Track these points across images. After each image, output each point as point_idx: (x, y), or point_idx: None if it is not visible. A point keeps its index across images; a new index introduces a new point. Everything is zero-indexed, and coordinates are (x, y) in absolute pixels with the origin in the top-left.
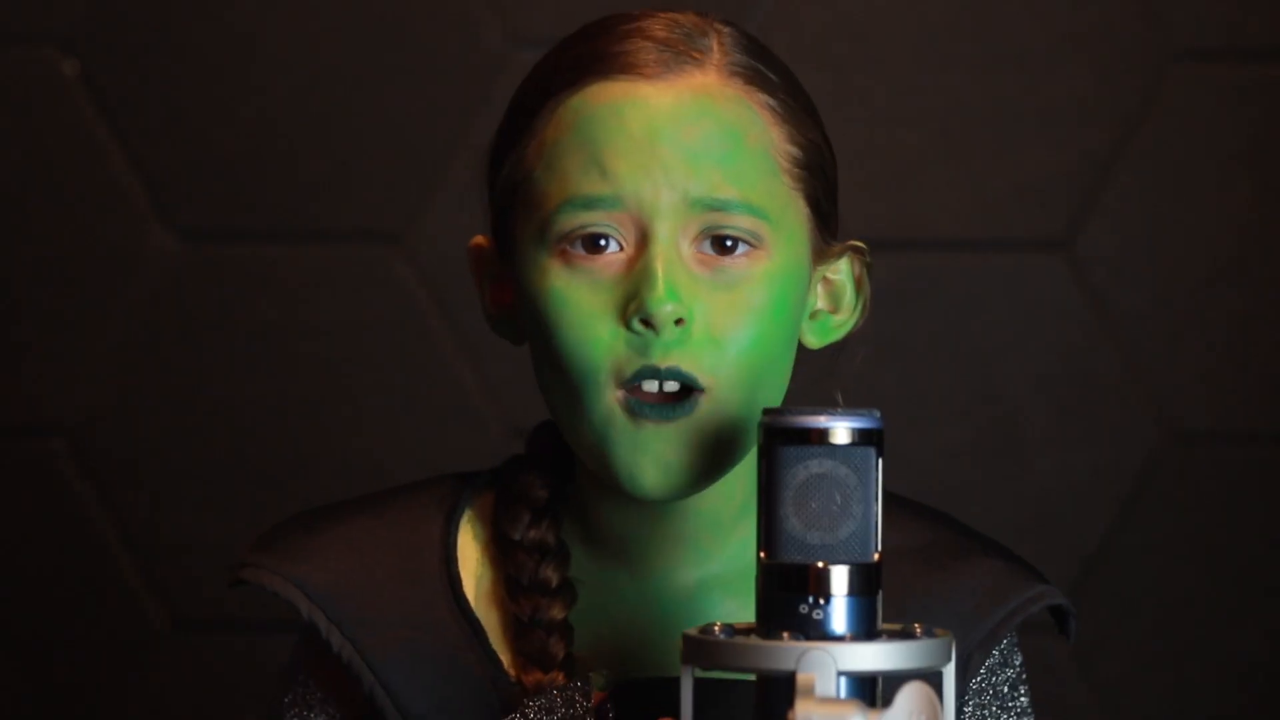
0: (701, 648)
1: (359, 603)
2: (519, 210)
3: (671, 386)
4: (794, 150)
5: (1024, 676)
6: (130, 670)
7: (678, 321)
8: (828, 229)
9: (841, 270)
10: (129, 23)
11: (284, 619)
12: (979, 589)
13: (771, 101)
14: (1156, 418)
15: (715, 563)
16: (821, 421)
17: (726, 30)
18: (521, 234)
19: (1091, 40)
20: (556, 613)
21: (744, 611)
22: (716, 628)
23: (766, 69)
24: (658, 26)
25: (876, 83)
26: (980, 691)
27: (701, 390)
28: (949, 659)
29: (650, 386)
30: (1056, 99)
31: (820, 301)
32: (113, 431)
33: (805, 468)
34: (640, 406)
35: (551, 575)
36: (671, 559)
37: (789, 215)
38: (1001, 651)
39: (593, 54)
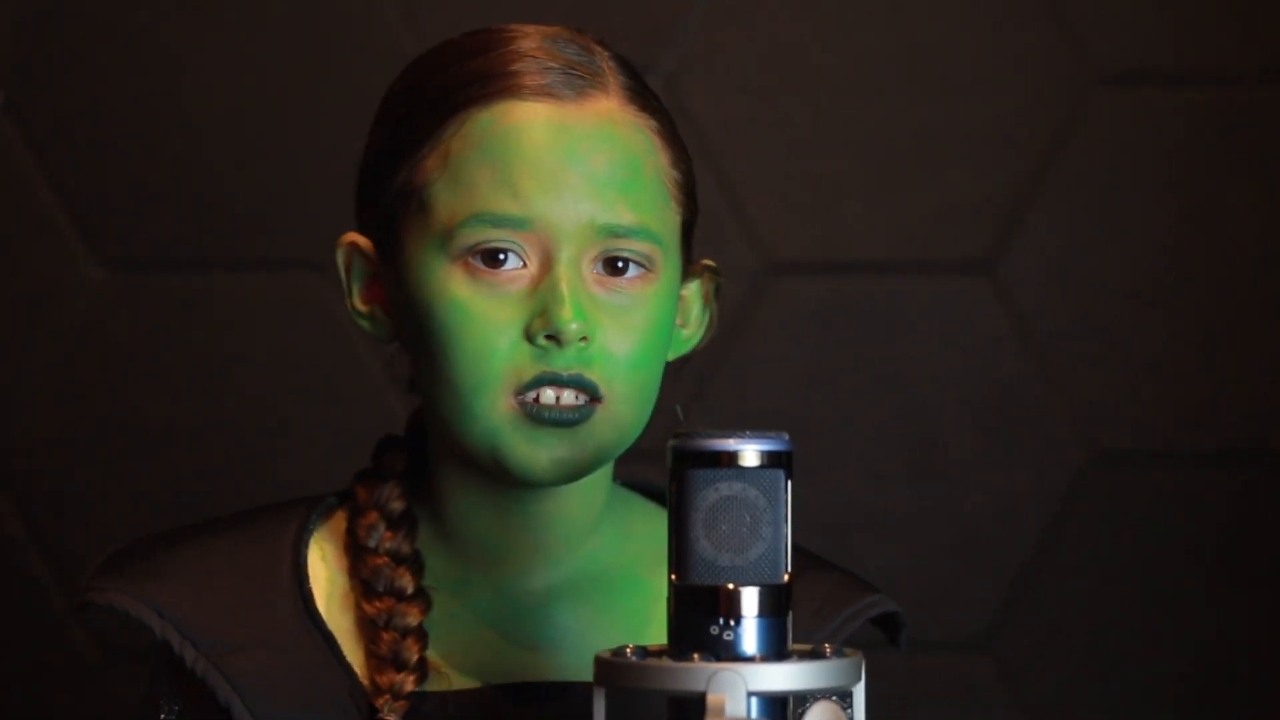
0: (613, 669)
1: (211, 621)
2: (413, 218)
3: (569, 396)
4: (676, 174)
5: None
6: (59, 701)
7: (582, 339)
8: (689, 248)
9: (691, 288)
10: (54, 53)
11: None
12: (817, 597)
13: (658, 125)
14: (1081, 439)
15: (567, 569)
16: (731, 444)
17: (606, 51)
18: (415, 241)
19: (1014, 66)
20: (412, 618)
21: (597, 619)
22: (629, 649)
23: (647, 91)
24: (555, 47)
25: (801, 108)
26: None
27: (600, 400)
28: (859, 678)
29: (549, 396)
30: (980, 124)
31: (675, 317)
32: (41, 462)
33: (715, 490)
34: (538, 412)
35: (407, 582)
36: (526, 564)
37: (673, 238)
38: None
39: (497, 72)
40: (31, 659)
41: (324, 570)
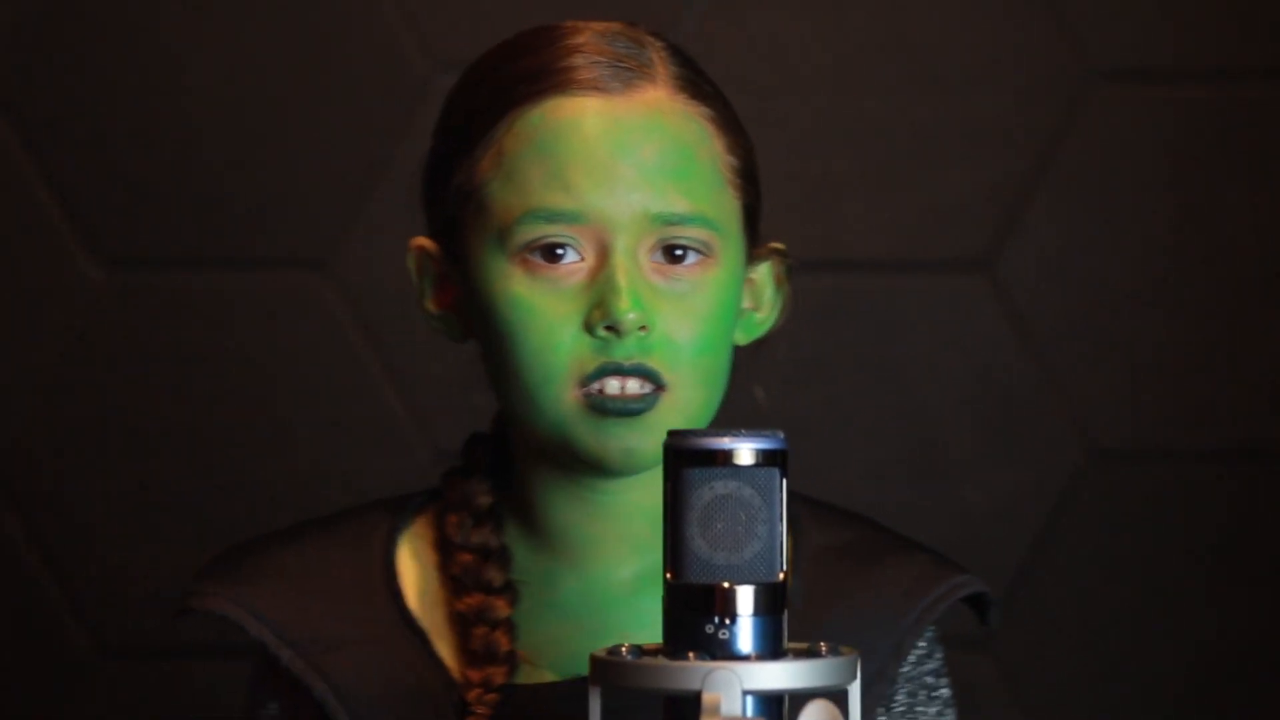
0: (608, 668)
1: (306, 621)
2: (474, 217)
3: (634, 386)
4: (734, 160)
5: (945, 670)
6: (55, 698)
7: (641, 328)
8: (755, 232)
9: (761, 270)
10: (52, 52)
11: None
12: (906, 578)
13: (711, 112)
14: (1078, 436)
15: (652, 559)
16: (726, 443)
17: (659, 43)
18: (476, 240)
19: (1010, 62)
20: (500, 610)
21: None
22: (624, 648)
23: (701, 80)
24: (601, 41)
25: (797, 105)
26: (910, 679)
27: (664, 387)
28: (854, 677)
29: (613, 386)
30: (976, 121)
31: (745, 300)
32: (37, 460)
33: (710, 489)
34: (603, 403)
35: (495, 575)
36: (611, 555)
37: (733, 224)
38: (929, 642)
39: (547, 69)
40: (29, 657)
41: (415, 567)
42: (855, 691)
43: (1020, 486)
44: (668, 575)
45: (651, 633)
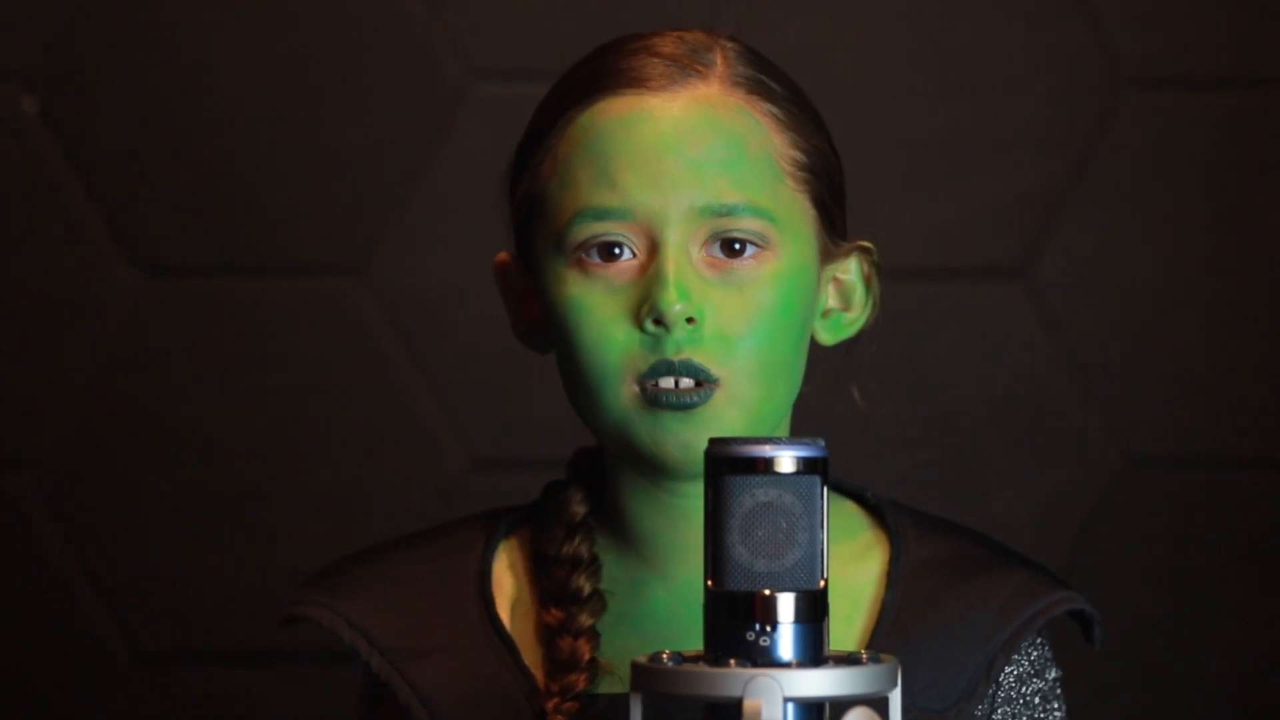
0: (650, 675)
1: (397, 629)
2: (536, 223)
3: (686, 383)
4: (797, 155)
5: (1058, 692)
6: (89, 703)
7: (689, 320)
8: (835, 230)
9: (851, 270)
10: (87, 59)
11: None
12: (1003, 594)
13: (774, 110)
14: (1113, 443)
15: None
16: (767, 451)
17: (732, 45)
18: (540, 246)
19: (1045, 69)
20: (585, 619)
21: None
22: (665, 655)
23: (770, 80)
24: (665, 43)
25: (832, 112)
26: (1010, 700)
27: (715, 382)
28: (895, 684)
29: (667, 383)
30: (1010, 128)
31: (832, 300)
32: (76, 465)
33: (751, 496)
34: (658, 395)
35: (584, 584)
36: (697, 563)
37: (794, 217)
38: (1033, 662)
39: (601, 70)
40: (67, 662)
41: (510, 578)
42: (896, 699)
43: (1054, 494)
44: (709, 582)
45: None
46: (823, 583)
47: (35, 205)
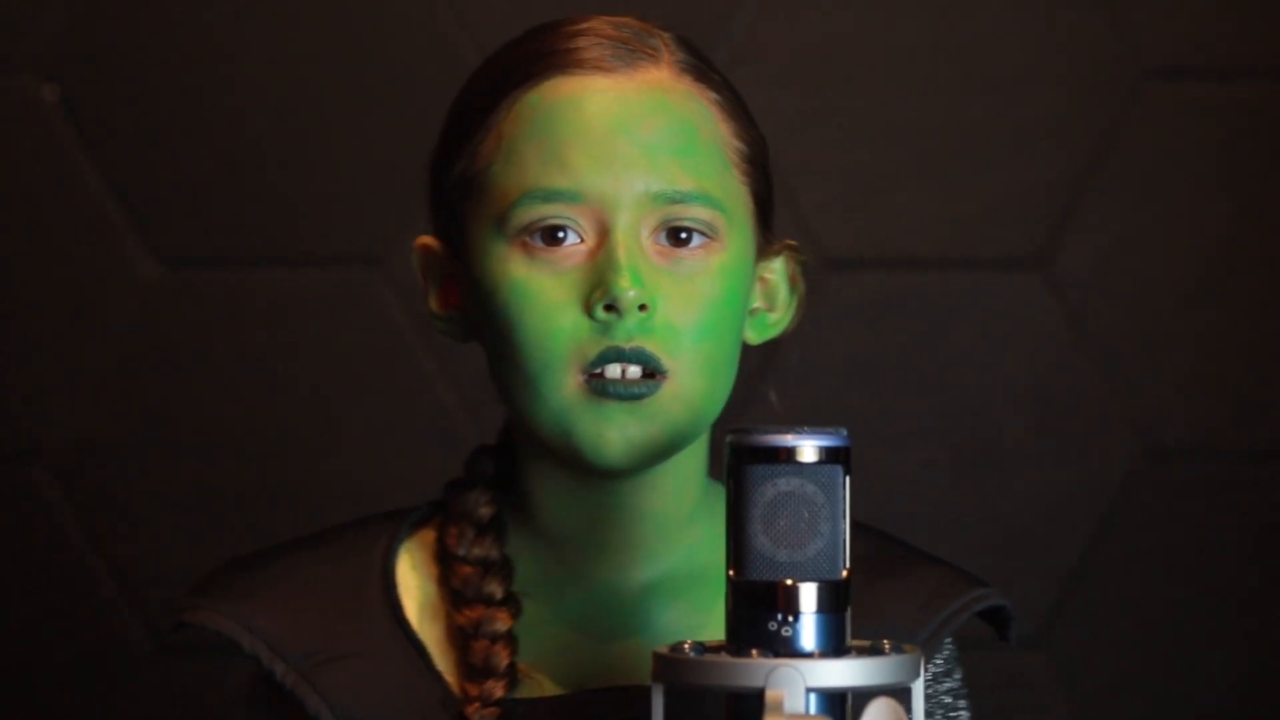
0: (672, 665)
1: (301, 634)
2: (474, 204)
3: (634, 372)
4: (741, 145)
5: (965, 691)
6: (111, 694)
7: (642, 308)
8: (767, 226)
9: (776, 269)
10: (107, 48)
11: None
12: (923, 591)
13: (718, 98)
14: (1133, 434)
15: (662, 566)
16: (789, 440)
17: (668, 34)
18: (477, 227)
19: (1064, 59)
20: (501, 625)
21: (691, 616)
22: (686, 645)
23: (709, 68)
24: (607, 26)
25: (851, 102)
26: (927, 698)
27: (664, 374)
28: (918, 675)
29: (614, 371)
30: (1030, 118)
31: (758, 300)
32: (95, 456)
33: (773, 486)
34: (604, 386)
35: (496, 588)
36: (618, 562)
37: (740, 208)
38: (945, 660)
39: (549, 50)
40: (88, 653)
41: (415, 579)
42: (918, 689)
43: (1074, 485)
44: (730, 572)
45: (658, 641)
46: (845, 572)
47: (54, 195)
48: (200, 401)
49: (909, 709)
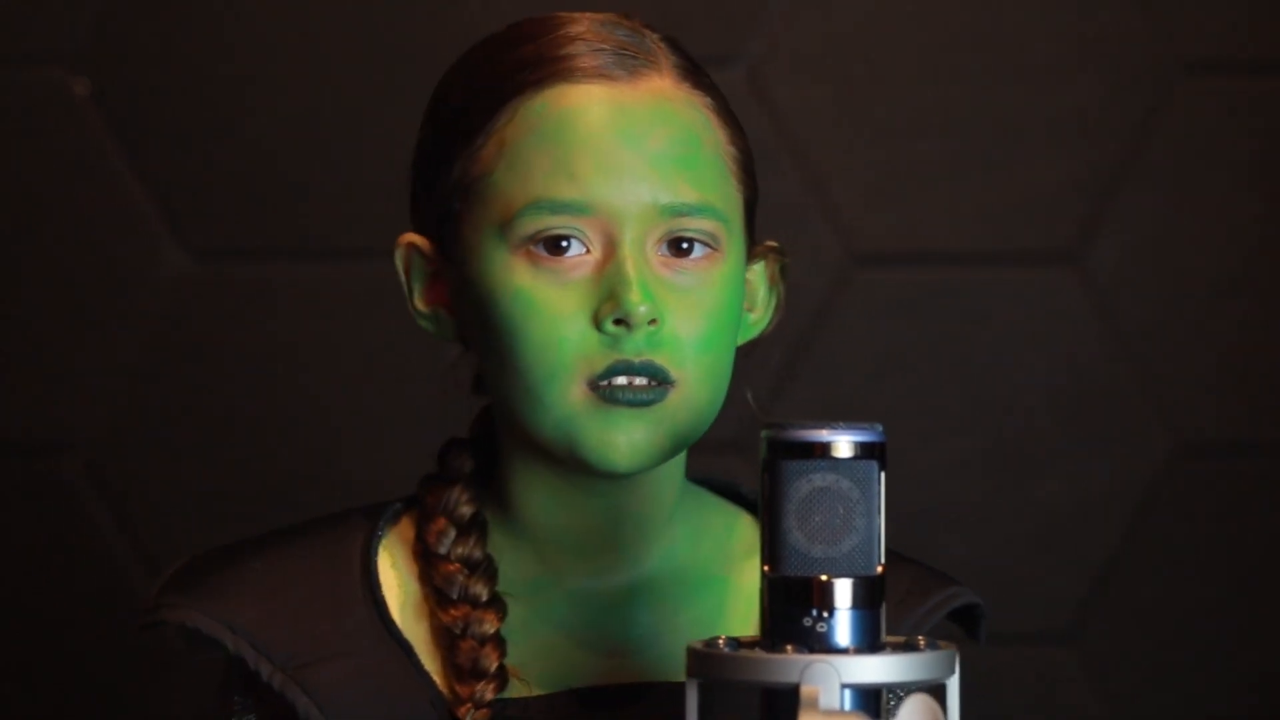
0: (706, 661)
1: (285, 634)
2: (473, 209)
3: (642, 382)
4: (735, 151)
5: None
6: (141, 686)
7: (651, 322)
8: (751, 229)
9: (757, 271)
10: (138, 43)
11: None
12: (898, 590)
13: (713, 103)
14: (1167, 430)
15: (642, 569)
16: (824, 435)
17: (655, 33)
18: (474, 232)
19: (1100, 53)
20: (488, 626)
21: (673, 618)
22: (721, 641)
23: (700, 70)
24: (604, 29)
25: (883, 97)
26: (898, 698)
27: (672, 383)
28: (953, 671)
29: (621, 381)
30: (1065, 112)
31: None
32: (126, 449)
33: (808, 481)
34: (612, 393)
35: (481, 589)
36: (600, 563)
37: (737, 216)
38: None
39: (549, 56)
40: (114, 644)
41: (395, 577)
42: (954, 685)
43: (1107, 480)
44: (765, 568)
45: (642, 643)
46: (880, 568)
47: (86, 188)
48: (229, 394)
49: (944, 705)
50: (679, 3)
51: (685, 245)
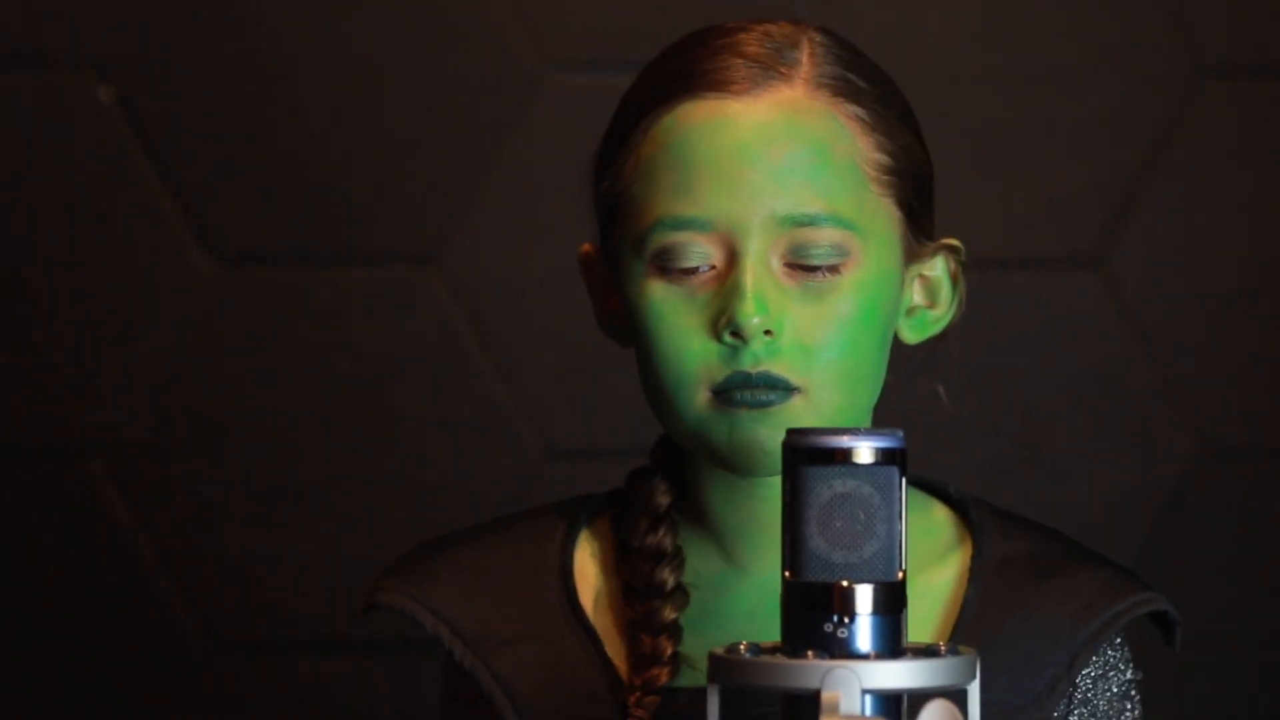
0: (727, 666)
1: (479, 618)
2: (618, 223)
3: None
4: (882, 158)
5: (1133, 693)
6: (170, 692)
7: (767, 333)
8: (920, 230)
9: (938, 267)
10: (164, 48)
11: (324, 637)
12: (1087, 592)
13: (859, 111)
14: (1190, 433)
15: None
16: (845, 441)
17: (820, 39)
18: (621, 246)
19: (1122, 55)
20: (668, 614)
21: None
22: (742, 646)
23: (857, 78)
24: (750, 41)
25: (909, 98)
26: (1086, 701)
27: (795, 389)
28: (973, 677)
29: (741, 394)
30: (1088, 114)
31: (917, 297)
32: (151, 454)
33: (829, 487)
34: (732, 397)
35: (667, 578)
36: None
37: (878, 223)
38: (1111, 662)
39: (684, 71)
40: (143, 650)
41: (592, 568)
42: (974, 691)
43: (1131, 483)
44: (786, 573)
45: None
46: (901, 574)
47: (112, 194)
48: (256, 398)
49: (965, 711)
50: (710, 9)
51: (812, 254)
